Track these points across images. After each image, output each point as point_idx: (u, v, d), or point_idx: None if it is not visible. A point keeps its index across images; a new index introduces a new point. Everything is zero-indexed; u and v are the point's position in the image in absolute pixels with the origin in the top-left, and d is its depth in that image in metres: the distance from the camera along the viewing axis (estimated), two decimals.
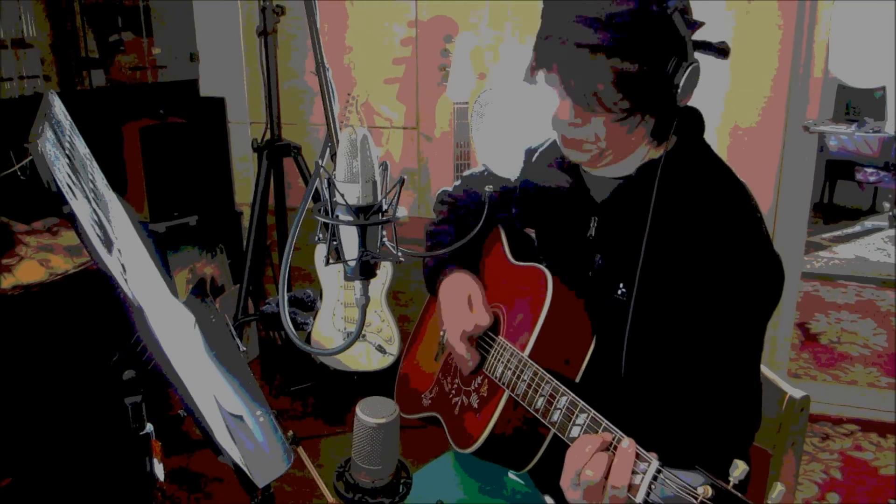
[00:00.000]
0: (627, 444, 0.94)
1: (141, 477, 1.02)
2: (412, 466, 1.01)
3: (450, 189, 1.58)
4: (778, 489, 0.79)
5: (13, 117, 2.39)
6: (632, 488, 0.91)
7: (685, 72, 1.03)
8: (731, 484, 0.81)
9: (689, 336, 1.11)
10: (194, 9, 2.96)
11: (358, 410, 0.94)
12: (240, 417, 1.00)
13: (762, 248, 1.10)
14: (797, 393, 1.32)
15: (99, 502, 1.29)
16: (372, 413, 0.93)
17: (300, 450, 1.25)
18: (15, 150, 2.31)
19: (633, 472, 0.91)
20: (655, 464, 0.90)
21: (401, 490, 0.97)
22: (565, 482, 0.98)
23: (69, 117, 1.03)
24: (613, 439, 0.97)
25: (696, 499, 0.82)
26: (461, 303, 1.33)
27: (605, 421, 1.00)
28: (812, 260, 4.74)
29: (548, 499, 1.31)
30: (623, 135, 1.11)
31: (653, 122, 1.12)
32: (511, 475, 1.35)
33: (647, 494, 0.89)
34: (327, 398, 1.70)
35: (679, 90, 1.04)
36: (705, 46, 1.07)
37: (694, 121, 1.18)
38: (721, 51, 1.07)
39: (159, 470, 1.04)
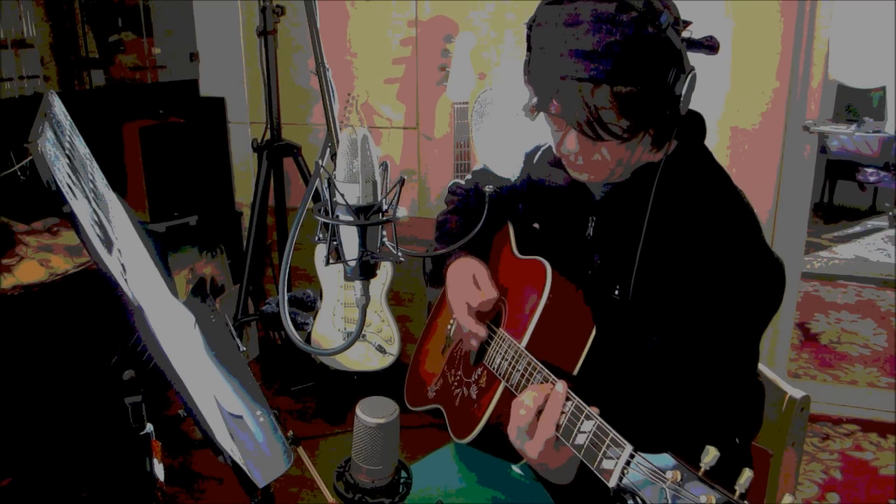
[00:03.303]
0: (561, 387, 1.01)
1: (141, 477, 1.02)
2: (411, 463, 1.01)
3: (461, 181, 1.60)
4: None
5: (13, 117, 2.38)
6: (605, 473, 0.92)
7: (685, 82, 1.03)
8: (702, 470, 0.82)
9: (684, 341, 1.11)
10: (194, 9, 2.96)
11: (358, 410, 0.94)
12: (240, 417, 1.00)
13: (760, 255, 1.10)
14: (797, 393, 1.32)
15: (99, 502, 1.29)
16: (372, 413, 0.93)
17: (300, 450, 1.25)
18: (15, 150, 2.31)
19: (608, 458, 0.92)
20: (629, 449, 0.91)
21: (401, 490, 0.98)
22: (512, 433, 1.05)
23: (69, 117, 1.03)
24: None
25: (664, 482, 0.84)
26: (467, 282, 1.37)
27: (588, 408, 0.99)
28: (812, 260, 4.74)
29: None
30: (628, 152, 1.11)
31: (653, 133, 1.11)
32: (514, 468, 1.35)
33: (620, 479, 0.89)
34: (327, 398, 1.70)
35: (682, 101, 1.04)
36: (695, 45, 1.05)
37: (695, 125, 1.17)
38: (709, 47, 1.05)
39: (159, 470, 1.04)
